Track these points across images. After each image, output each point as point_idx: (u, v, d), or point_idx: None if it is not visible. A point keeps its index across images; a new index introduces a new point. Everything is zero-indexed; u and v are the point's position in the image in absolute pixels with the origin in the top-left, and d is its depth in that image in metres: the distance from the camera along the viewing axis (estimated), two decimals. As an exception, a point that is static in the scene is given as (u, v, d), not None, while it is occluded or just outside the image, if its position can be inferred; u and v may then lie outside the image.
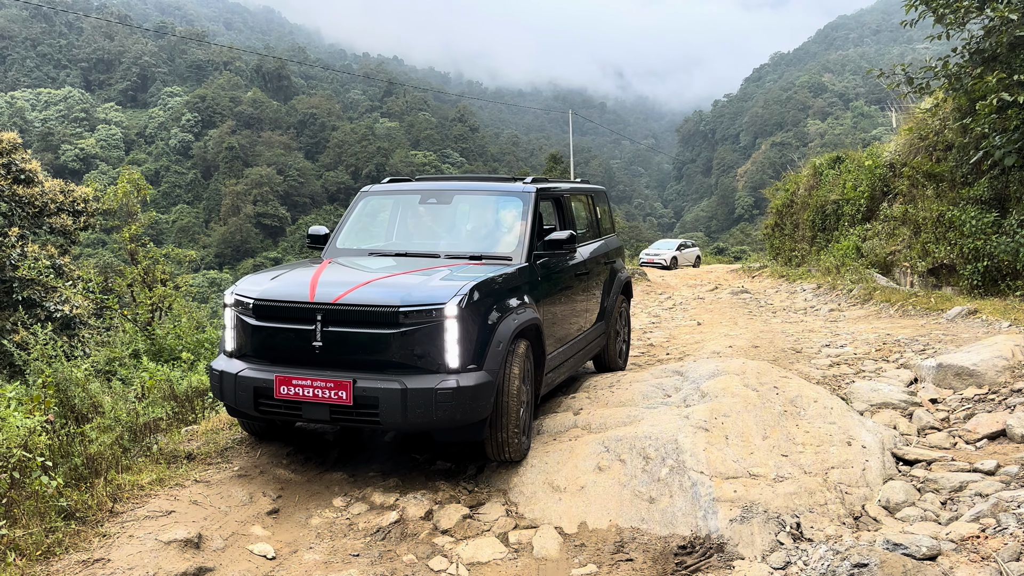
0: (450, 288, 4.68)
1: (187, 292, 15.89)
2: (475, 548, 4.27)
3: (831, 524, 4.17)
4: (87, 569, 3.84)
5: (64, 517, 4.24)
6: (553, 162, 56.84)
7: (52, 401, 5.27)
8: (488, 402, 4.67)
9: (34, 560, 3.85)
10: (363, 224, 6.49)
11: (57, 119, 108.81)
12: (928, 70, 12.58)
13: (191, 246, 75.58)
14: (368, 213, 6.58)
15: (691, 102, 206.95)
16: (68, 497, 4.37)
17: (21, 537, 3.95)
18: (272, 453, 5.45)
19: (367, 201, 6.56)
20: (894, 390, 6.25)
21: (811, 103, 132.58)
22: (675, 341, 10.62)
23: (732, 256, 55.31)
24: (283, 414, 4.75)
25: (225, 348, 5.13)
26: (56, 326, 15.67)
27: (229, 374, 4.83)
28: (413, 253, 5.81)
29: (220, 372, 4.91)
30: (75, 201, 20.15)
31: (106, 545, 4.07)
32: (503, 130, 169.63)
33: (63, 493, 4.37)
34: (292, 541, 4.32)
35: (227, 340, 5.10)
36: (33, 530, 4.03)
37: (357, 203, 6.53)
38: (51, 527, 4.11)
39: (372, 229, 6.60)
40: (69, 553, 3.97)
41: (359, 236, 6.35)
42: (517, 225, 5.86)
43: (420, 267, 5.27)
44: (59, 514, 4.23)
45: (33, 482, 4.26)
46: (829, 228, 20.38)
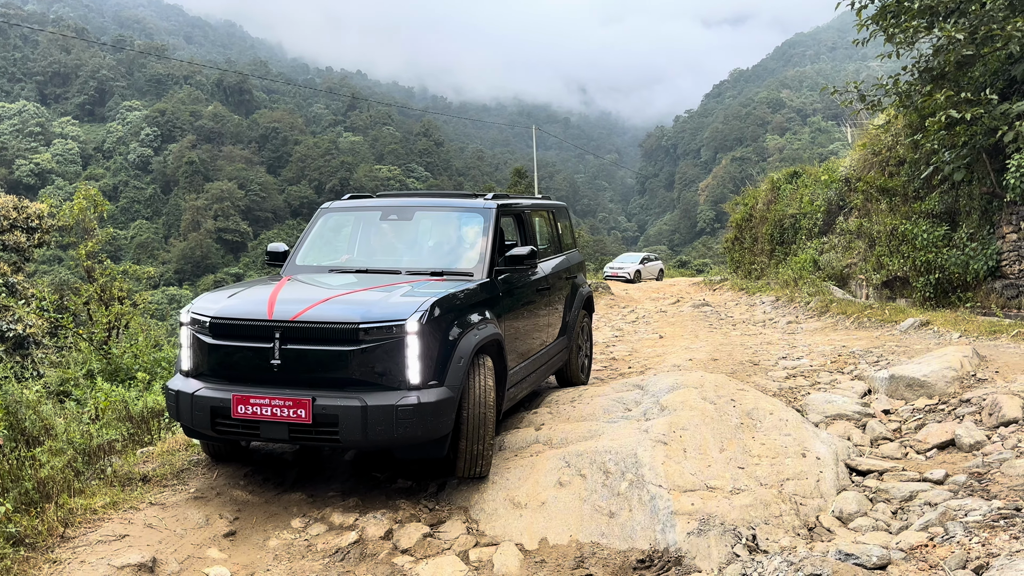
0: (411, 304, 4.67)
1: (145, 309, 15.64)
2: (435, 567, 4.25)
3: (786, 535, 4.23)
4: (36, 597, 3.75)
5: (12, 543, 4.14)
6: (518, 176, 57.05)
7: (1, 424, 5.15)
8: (450, 418, 4.65)
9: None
10: (323, 241, 6.44)
11: (11, 133, 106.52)
12: (879, 87, 12.93)
13: (150, 262, 74.36)
14: (328, 229, 6.54)
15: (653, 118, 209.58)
16: (17, 523, 4.26)
17: (-33, 565, 3.85)
18: (229, 474, 5.38)
19: (327, 217, 6.51)
20: (848, 402, 6.38)
21: (770, 119, 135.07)
22: (637, 354, 10.72)
23: (695, 269, 55.93)
24: (241, 434, 4.70)
25: (181, 367, 5.04)
26: (8, 346, 15.32)
27: (185, 394, 4.76)
28: (374, 270, 5.77)
29: (176, 392, 4.84)
30: (29, 217, 19.77)
31: (56, 572, 3.98)
32: (468, 145, 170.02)
33: (12, 519, 4.27)
34: (249, 563, 4.27)
35: (183, 359, 5.02)
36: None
37: (317, 219, 6.47)
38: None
39: (332, 246, 6.54)
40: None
41: (319, 253, 6.29)
42: (478, 241, 5.86)
43: (381, 283, 5.25)
44: (7, 540, 4.13)
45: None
46: (787, 242, 20.75)
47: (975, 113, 10.68)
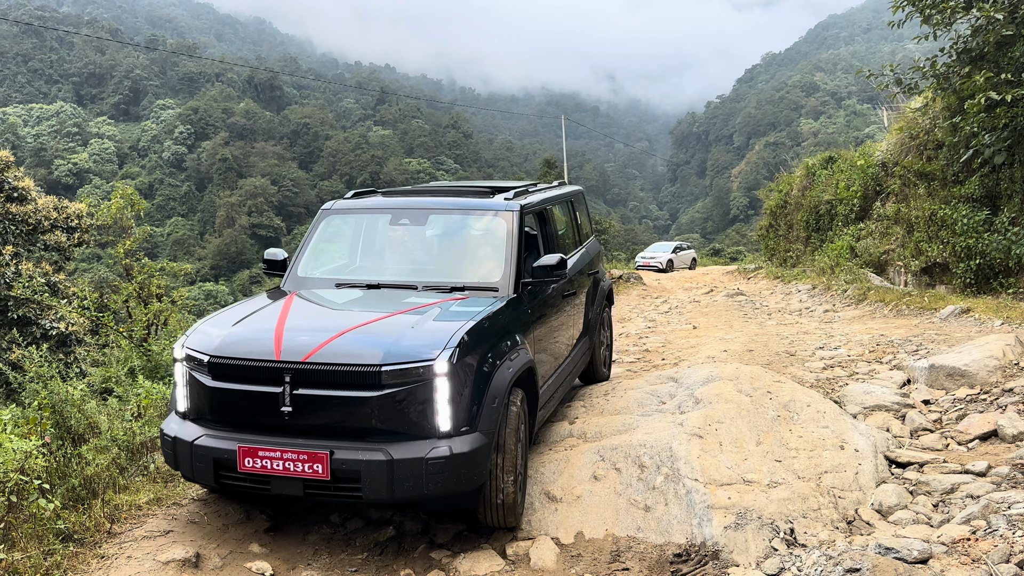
0: (437, 338, 4.10)
1: (183, 306, 15.89)
2: (472, 561, 4.29)
3: (824, 529, 4.20)
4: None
5: (62, 539, 4.25)
6: (547, 167, 56.93)
7: (48, 423, 5.28)
8: (485, 468, 4.12)
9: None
10: (326, 248, 5.84)
11: (50, 134, 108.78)
12: (916, 70, 12.67)
13: (186, 259, 75.60)
14: (331, 234, 5.89)
15: (684, 104, 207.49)
16: (66, 519, 4.38)
17: (20, 560, 3.97)
18: (269, 469, 5.46)
19: (329, 221, 5.80)
20: (887, 392, 6.30)
21: (803, 102, 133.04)
22: (671, 346, 10.65)
23: (728, 257, 55.39)
24: (249, 488, 4.20)
25: (177, 408, 4.46)
26: (52, 344, 15.67)
27: (184, 441, 4.23)
28: (387, 284, 5.16)
29: (173, 438, 4.30)
30: (69, 218, 20.18)
31: (104, 567, 4.09)
32: (497, 136, 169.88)
33: (61, 515, 4.38)
34: (290, 557, 4.34)
35: (179, 399, 4.44)
36: (31, 553, 4.05)
37: (319, 223, 5.76)
38: (49, 550, 4.12)
39: (337, 253, 5.96)
40: (68, 575, 3.98)
41: (323, 262, 5.69)
42: (502, 249, 5.21)
43: (397, 307, 4.68)
44: (57, 536, 4.25)
45: (31, 505, 4.27)
46: (823, 228, 20.46)
47: (1016, 94, 10.42)
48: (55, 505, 4.36)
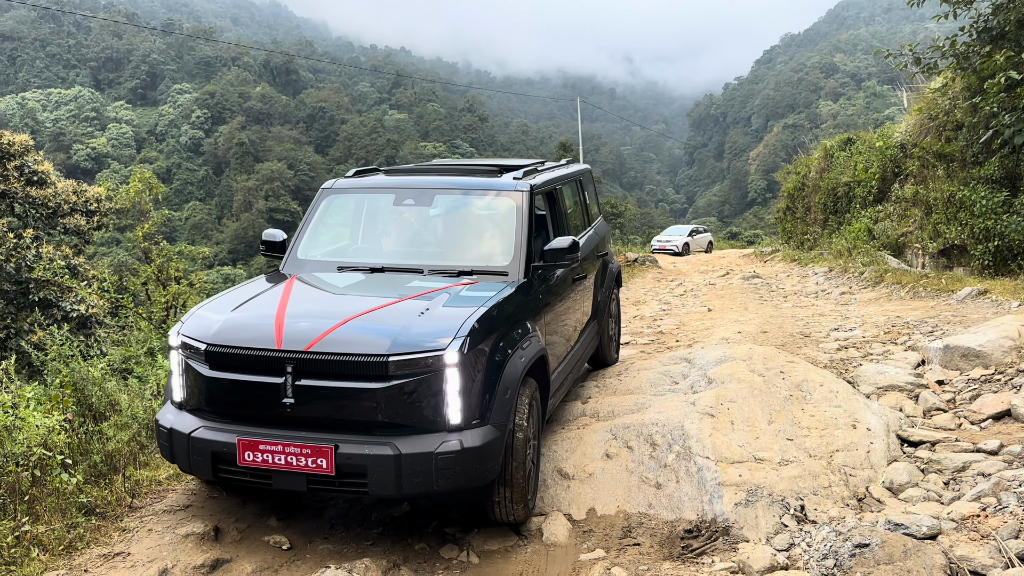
0: (447, 326, 3.92)
1: (201, 289, 16.04)
2: (485, 536, 4.36)
3: (835, 506, 4.23)
4: (108, 562, 3.96)
5: (84, 513, 4.36)
6: (563, 150, 56.69)
7: (70, 400, 5.39)
8: (497, 462, 3.95)
9: (57, 555, 3.98)
10: (327, 229, 5.58)
11: (68, 119, 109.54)
12: (935, 49, 12.51)
13: (204, 243, 76.09)
14: (333, 215, 5.63)
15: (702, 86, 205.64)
16: (88, 493, 4.49)
17: (44, 533, 4.08)
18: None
19: (331, 200, 5.55)
20: (901, 372, 6.29)
21: (823, 84, 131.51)
22: (685, 328, 10.66)
23: (745, 241, 55.10)
24: (249, 482, 4.03)
25: (172, 397, 4.27)
26: (72, 326, 15.88)
27: (180, 433, 4.03)
28: (391, 268, 4.96)
29: (169, 430, 4.10)
30: (88, 201, 20.38)
31: (126, 539, 4.19)
32: (512, 119, 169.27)
33: (83, 490, 4.49)
34: (307, 531, 4.42)
35: (174, 388, 4.25)
36: (55, 526, 4.15)
37: (319, 202, 5.51)
38: (72, 523, 4.23)
39: (338, 234, 5.70)
40: (90, 547, 4.09)
41: (324, 244, 5.46)
42: (511, 231, 4.99)
43: (404, 292, 4.51)
44: (79, 510, 4.35)
45: (54, 479, 4.37)
46: (841, 211, 20.32)
47: (1037, 74, 10.28)
48: (77, 480, 4.46)
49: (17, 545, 3.93)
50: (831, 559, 3.48)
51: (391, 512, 4.67)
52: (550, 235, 5.74)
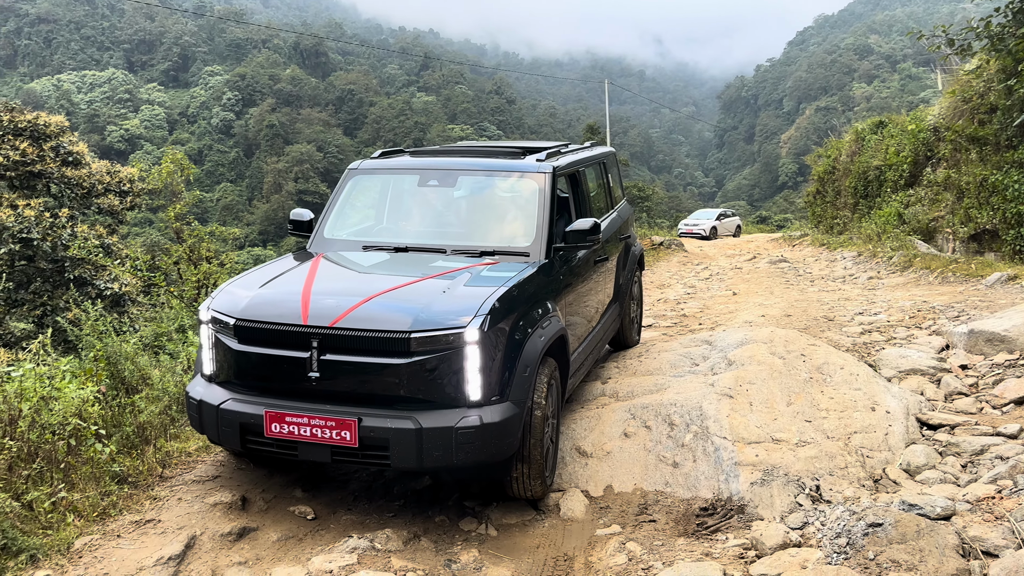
0: (468, 305, 4.01)
1: (231, 269, 16.29)
2: (504, 510, 4.45)
3: (850, 487, 4.25)
4: (140, 529, 4.11)
5: (117, 481, 4.51)
6: (590, 133, 56.36)
7: (104, 374, 5.55)
8: (516, 438, 4.05)
9: (91, 521, 4.13)
10: (353, 208, 5.69)
11: (102, 100, 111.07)
12: (969, 31, 12.27)
13: (235, 224, 76.80)
14: (358, 195, 5.73)
15: (733, 68, 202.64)
16: (121, 463, 4.64)
17: (79, 500, 4.23)
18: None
19: (357, 180, 5.67)
20: (923, 356, 6.26)
21: (857, 66, 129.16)
22: (708, 311, 10.65)
23: (775, 225, 54.49)
24: (275, 453, 4.17)
25: (203, 370, 4.43)
26: (106, 303, 16.21)
27: (209, 405, 4.19)
28: (415, 247, 5.04)
29: (199, 401, 4.26)
30: (121, 182, 20.73)
31: (157, 507, 4.34)
32: (540, 101, 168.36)
33: (116, 459, 4.64)
34: (331, 503, 4.55)
35: (204, 361, 4.41)
36: (89, 493, 4.31)
37: (345, 183, 5.63)
38: (106, 491, 4.38)
39: (363, 214, 5.81)
40: (123, 514, 4.25)
41: (349, 224, 5.57)
42: (533, 212, 5.05)
43: (426, 271, 4.61)
44: (113, 479, 4.51)
45: (88, 449, 4.53)
46: (871, 195, 20.07)
47: (1075, 55, 10.07)
48: (111, 450, 4.62)
49: (54, 511, 4.09)
50: (844, 537, 3.52)
51: (412, 486, 4.78)
52: (572, 217, 5.74)
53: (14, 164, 18.94)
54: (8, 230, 17.37)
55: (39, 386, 4.93)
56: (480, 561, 3.89)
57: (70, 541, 3.90)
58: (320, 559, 3.78)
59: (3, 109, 19.76)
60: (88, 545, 3.89)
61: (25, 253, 17.58)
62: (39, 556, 3.75)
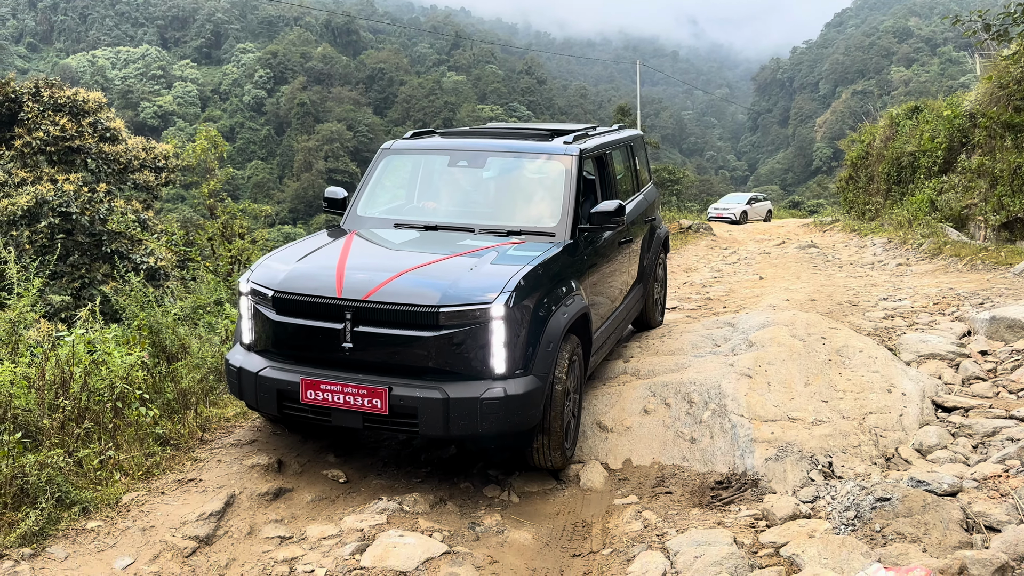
0: (494, 282, 4.18)
1: (263, 246, 16.57)
2: (525, 479, 4.64)
3: (862, 464, 4.38)
4: (182, 487, 4.36)
5: (160, 443, 4.77)
6: (621, 114, 55.99)
7: (146, 342, 5.81)
8: (538, 410, 4.23)
9: (136, 479, 4.39)
10: (385, 187, 5.88)
11: (136, 77, 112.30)
12: (1006, 16, 12.10)
13: (266, 201, 77.48)
14: (391, 174, 5.93)
15: (768, 49, 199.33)
16: (163, 426, 4.90)
17: (125, 459, 4.49)
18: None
19: (389, 160, 5.87)
20: (943, 342, 6.33)
21: (896, 49, 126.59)
22: (734, 295, 10.72)
23: (807, 210, 53.86)
24: (310, 419, 4.38)
25: (242, 339, 4.67)
26: (142, 277, 16.62)
27: (248, 372, 4.42)
28: (444, 226, 5.22)
29: (238, 368, 4.49)
30: (156, 158, 21.14)
31: (197, 468, 4.59)
32: (571, 82, 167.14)
33: (159, 422, 4.90)
34: (362, 468, 4.77)
35: (244, 331, 4.64)
36: (134, 454, 4.57)
37: (378, 162, 5.83)
38: (150, 451, 4.64)
39: (395, 193, 5.99)
40: (166, 474, 4.50)
41: (381, 202, 5.75)
42: (560, 193, 5.19)
43: (455, 249, 4.78)
44: (156, 440, 4.76)
45: (133, 412, 4.79)
46: (904, 181, 19.87)
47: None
48: (154, 413, 4.87)
49: (102, 468, 4.34)
50: (852, 511, 3.65)
51: (439, 454, 4.98)
52: (598, 199, 5.88)
53: (54, 139, 19.41)
54: (48, 204, 17.85)
55: (86, 354, 5.20)
56: (502, 525, 4.09)
57: (118, 496, 4.16)
58: (352, 518, 4.01)
59: (44, 85, 20.21)
60: (135, 500, 4.15)
61: (64, 226, 18.07)
62: (91, 509, 4.01)
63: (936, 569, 3.01)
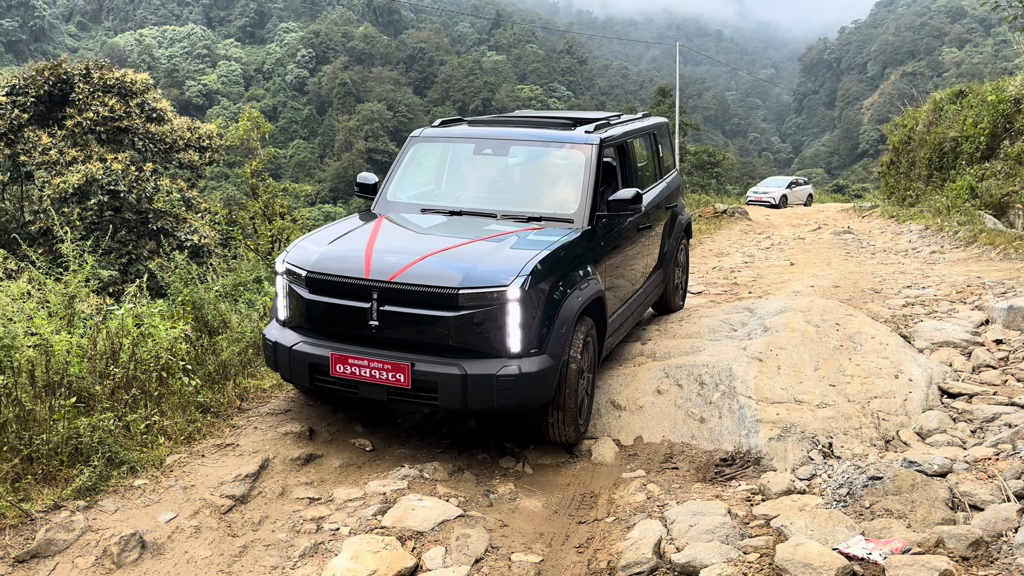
0: (511, 266, 4.41)
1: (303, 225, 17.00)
2: (540, 452, 4.91)
3: (861, 445, 4.56)
4: (221, 451, 4.71)
5: (201, 411, 5.13)
6: (661, 95, 55.54)
7: (189, 317, 6.18)
8: (551, 387, 4.48)
9: (179, 443, 4.75)
10: (414, 173, 6.14)
11: (181, 56, 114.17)
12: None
13: (307, 180, 78.51)
14: (419, 161, 6.18)
15: (816, 29, 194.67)
16: (204, 395, 5.26)
17: (168, 425, 4.85)
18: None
19: (418, 148, 6.13)
20: (958, 330, 6.43)
21: (948, 29, 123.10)
22: (761, 280, 10.82)
23: (851, 195, 52.95)
24: (339, 391, 4.68)
25: (278, 316, 5.00)
26: (186, 255, 17.18)
27: (283, 346, 4.74)
28: (468, 212, 5.46)
29: (274, 343, 4.81)
30: (200, 138, 21.67)
31: (235, 434, 4.94)
32: (612, 61, 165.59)
33: (200, 392, 5.26)
34: (387, 438, 5.08)
35: (280, 308, 4.96)
36: (178, 420, 4.93)
37: (408, 149, 6.10)
38: (191, 418, 5.00)
39: (423, 179, 6.24)
40: (206, 439, 4.86)
41: (410, 187, 6.01)
42: (579, 181, 5.41)
43: (477, 234, 5.02)
44: (197, 408, 5.12)
45: (176, 382, 5.15)
46: (946, 167, 19.60)
47: None
48: (196, 383, 5.23)
49: (148, 432, 4.71)
50: (845, 488, 3.85)
51: (459, 427, 5.28)
52: (619, 185, 6.03)
53: (103, 119, 20.03)
54: (98, 182, 18.50)
55: (134, 325, 5.58)
56: (515, 493, 4.37)
57: (162, 458, 4.52)
58: (375, 483, 4.32)
59: (94, 67, 20.84)
60: (177, 462, 4.51)
61: (112, 204, 18.71)
62: (137, 468, 4.37)
63: (914, 542, 3.21)
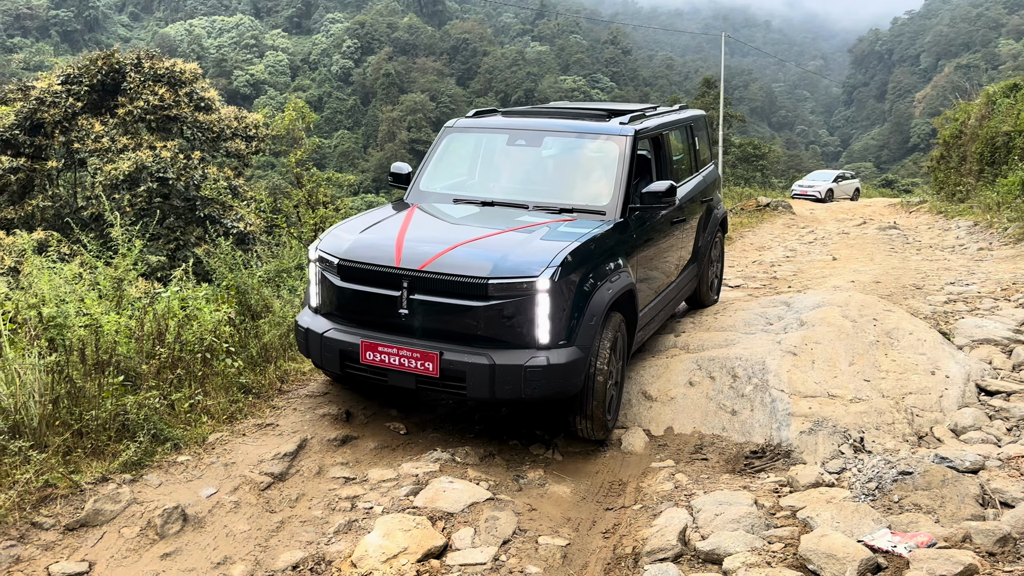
0: (541, 257, 4.39)
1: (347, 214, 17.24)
2: (570, 440, 4.98)
3: (893, 440, 4.54)
4: (261, 431, 4.87)
5: (243, 392, 5.30)
6: (706, 87, 54.82)
7: (233, 301, 6.36)
8: (579, 378, 4.46)
9: (221, 422, 4.92)
10: (447, 164, 6.10)
11: (230, 46, 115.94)
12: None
13: (351, 170, 79.30)
14: (452, 151, 6.17)
15: (867, 20, 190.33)
16: (246, 376, 5.42)
17: (211, 404, 5.03)
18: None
19: (452, 138, 6.11)
20: (1000, 327, 6.32)
21: (1005, 20, 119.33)
22: (801, 275, 10.71)
23: (901, 189, 51.77)
24: (369, 378, 4.71)
25: (310, 303, 5.03)
26: (232, 241, 17.55)
27: (315, 333, 4.78)
28: (500, 202, 5.44)
29: (306, 329, 4.86)
30: (247, 127, 22.09)
31: (276, 415, 5.10)
32: (657, 52, 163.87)
33: (243, 373, 5.43)
34: (421, 422, 5.19)
35: (312, 295, 5.00)
36: (220, 400, 5.10)
37: (441, 140, 6.08)
38: (234, 399, 5.17)
39: (456, 170, 6.22)
40: (247, 419, 5.02)
41: (443, 178, 5.97)
42: (612, 173, 5.35)
43: (508, 224, 4.99)
44: (239, 389, 5.29)
45: (220, 363, 5.32)
46: (998, 162, 19.11)
47: None
48: (239, 365, 5.40)
49: (191, 411, 4.88)
50: (875, 482, 3.85)
51: (491, 414, 5.36)
52: (653, 178, 6.02)
53: (153, 108, 20.54)
54: (147, 169, 18.99)
55: (180, 308, 5.77)
56: (544, 479, 4.44)
57: (205, 436, 4.69)
58: (408, 465, 4.43)
59: (145, 57, 21.36)
60: (219, 440, 4.67)
61: (161, 191, 19.20)
62: (181, 445, 4.55)
63: (941, 537, 3.21)
